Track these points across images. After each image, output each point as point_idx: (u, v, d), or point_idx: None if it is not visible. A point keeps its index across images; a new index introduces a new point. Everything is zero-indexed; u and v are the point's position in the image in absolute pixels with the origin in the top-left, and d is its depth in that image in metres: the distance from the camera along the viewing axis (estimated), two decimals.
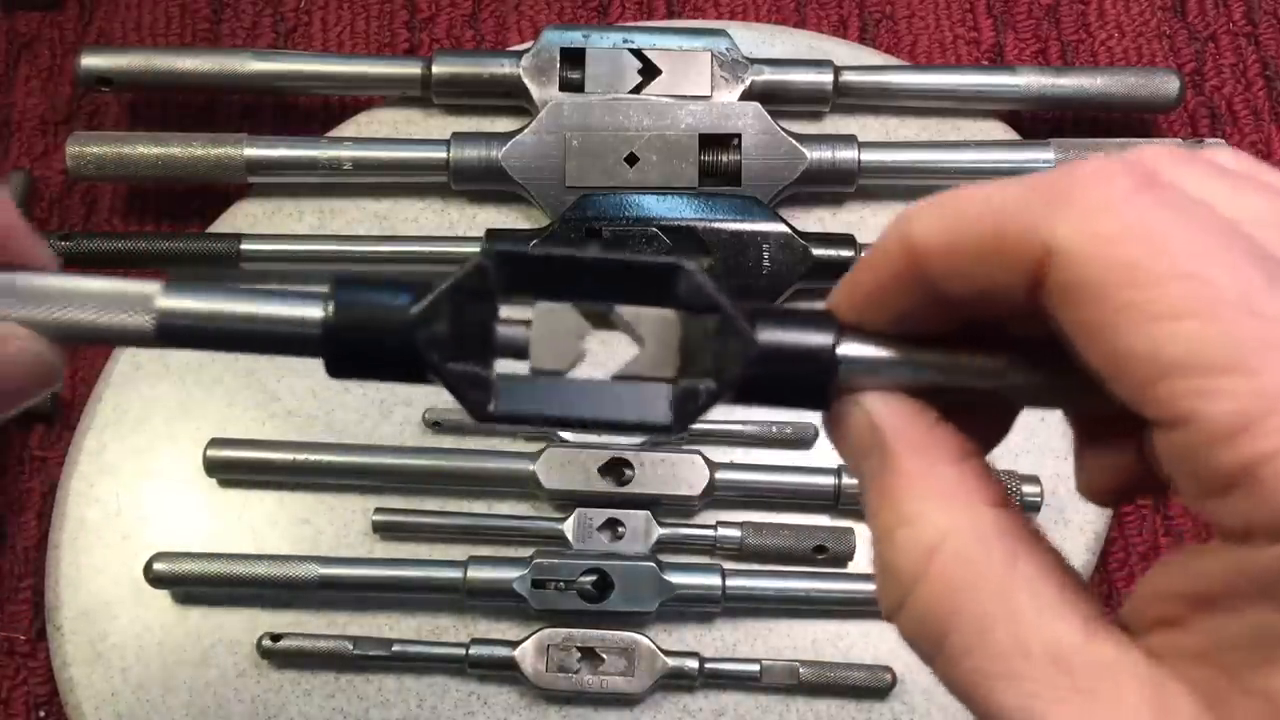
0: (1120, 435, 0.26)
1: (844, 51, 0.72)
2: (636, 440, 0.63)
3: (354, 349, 0.28)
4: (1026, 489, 0.62)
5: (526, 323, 0.29)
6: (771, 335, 0.28)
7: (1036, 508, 0.62)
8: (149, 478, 0.64)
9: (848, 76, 0.69)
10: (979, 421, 0.29)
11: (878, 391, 0.28)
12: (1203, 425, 0.22)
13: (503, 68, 0.68)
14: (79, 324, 0.29)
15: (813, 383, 0.28)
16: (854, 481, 0.61)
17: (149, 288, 0.29)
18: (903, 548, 0.26)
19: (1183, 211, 0.23)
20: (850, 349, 0.28)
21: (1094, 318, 0.23)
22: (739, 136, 0.67)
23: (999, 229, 0.25)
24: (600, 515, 0.62)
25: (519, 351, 0.29)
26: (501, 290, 0.28)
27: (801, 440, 0.64)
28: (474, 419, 0.28)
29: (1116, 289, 0.23)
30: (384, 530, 0.63)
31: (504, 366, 0.29)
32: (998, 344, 0.28)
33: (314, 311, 0.28)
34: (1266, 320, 0.22)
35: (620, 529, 0.62)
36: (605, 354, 0.30)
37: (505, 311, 0.29)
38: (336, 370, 0.29)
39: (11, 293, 0.29)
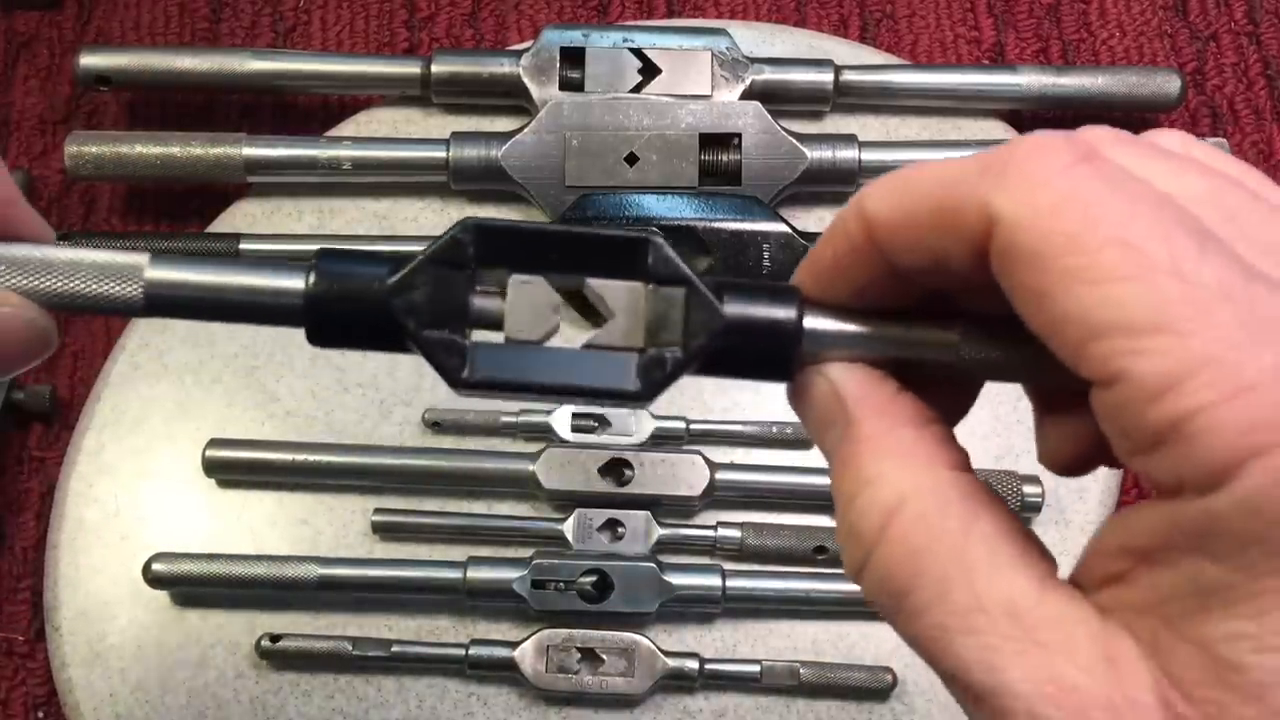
0: (1077, 404, 0.27)
1: (844, 51, 0.72)
2: (637, 440, 0.63)
3: (333, 317, 0.30)
4: (1027, 489, 0.62)
5: (502, 294, 0.30)
6: (737, 308, 0.29)
7: (1037, 508, 0.62)
8: (148, 478, 0.64)
9: (848, 76, 0.69)
10: (942, 396, 0.30)
11: (840, 362, 0.29)
12: (1133, 383, 0.23)
13: (502, 67, 0.68)
14: (72, 293, 0.30)
15: (777, 354, 0.29)
16: None
17: (138, 259, 0.30)
18: (863, 510, 0.27)
19: (1118, 184, 0.24)
20: (813, 322, 0.29)
21: (1033, 283, 0.24)
22: (739, 136, 0.67)
23: (946, 200, 0.26)
24: (600, 515, 0.62)
25: (494, 322, 0.30)
26: (477, 263, 0.29)
27: (801, 440, 0.64)
28: (449, 384, 0.29)
29: (1053, 256, 0.24)
30: (383, 531, 0.63)
31: (480, 336, 0.30)
32: (954, 319, 0.29)
33: (296, 282, 0.30)
34: (1195, 285, 0.23)
35: (620, 529, 0.62)
36: (577, 324, 0.31)
37: (482, 284, 0.30)
38: (317, 338, 0.30)
39: (7, 261, 0.30)
